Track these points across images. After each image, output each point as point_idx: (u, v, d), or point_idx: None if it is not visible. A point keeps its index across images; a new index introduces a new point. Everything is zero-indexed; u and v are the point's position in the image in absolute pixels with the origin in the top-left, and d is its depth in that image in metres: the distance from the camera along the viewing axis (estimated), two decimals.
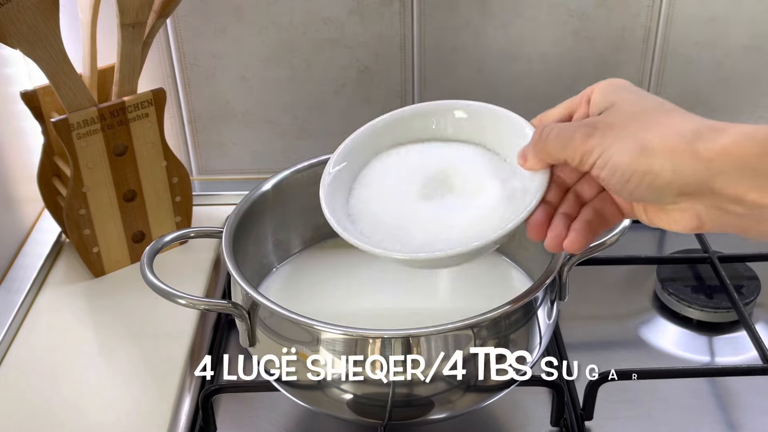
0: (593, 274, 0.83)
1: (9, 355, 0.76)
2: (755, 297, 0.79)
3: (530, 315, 0.60)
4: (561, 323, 0.77)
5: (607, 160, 0.48)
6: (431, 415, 0.61)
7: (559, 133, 0.51)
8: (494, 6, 0.90)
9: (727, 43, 0.92)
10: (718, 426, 0.69)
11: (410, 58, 0.93)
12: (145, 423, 0.69)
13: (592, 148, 0.49)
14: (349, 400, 0.60)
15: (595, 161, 0.49)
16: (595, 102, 0.52)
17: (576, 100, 0.55)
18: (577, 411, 0.68)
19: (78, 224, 0.81)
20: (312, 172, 0.74)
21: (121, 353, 0.76)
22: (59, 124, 0.76)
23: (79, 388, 0.73)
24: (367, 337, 0.57)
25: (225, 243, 0.64)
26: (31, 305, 0.82)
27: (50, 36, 0.73)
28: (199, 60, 0.93)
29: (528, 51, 0.92)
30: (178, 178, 0.86)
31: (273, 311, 0.58)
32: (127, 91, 0.80)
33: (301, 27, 0.91)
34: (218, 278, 0.86)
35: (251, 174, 1.00)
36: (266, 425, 0.70)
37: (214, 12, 0.90)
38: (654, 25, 0.91)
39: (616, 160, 0.48)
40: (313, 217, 0.76)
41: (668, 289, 0.81)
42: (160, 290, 0.61)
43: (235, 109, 0.96)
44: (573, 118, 0.55)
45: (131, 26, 0.77)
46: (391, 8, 0.90)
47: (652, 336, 0.79)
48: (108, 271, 0.85)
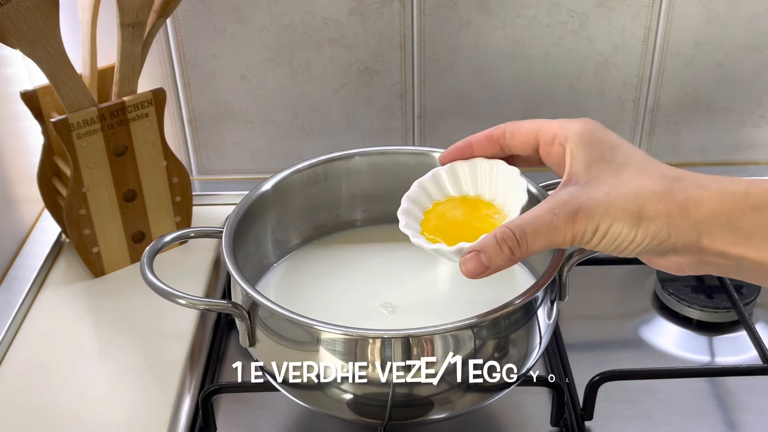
0: (593, 274, 0.83)
1: (9, 355, 0.76)
2: (755, 297, 0.79)
3: (530, 315, 0.60)
4: (561, 323, 0.77)
5: (603, 235, 0.49)
6: (431, 415, 0.61)
7: (535, 230, 0.50)
8: (494, 6, 0.90)
9: (727, 43, 0.92)
10: (718, 426, 0.69)
11: (410, 58, 0.93)
12: (145, 423, 0.69)
13: (583, 230, 0.49)
14: (349, 400, 0.60)
15: (589, 240, 0.49)
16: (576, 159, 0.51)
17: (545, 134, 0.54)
18: (577, 411, 0.68)
19: (78, 224, 0.81)
20: (312, 172, 0.74)
21: (121, 353, 0.76)
22: (59, 124, 0.76)
23: (78, 388, 0.73)
24: (367, 337, 0.57)
25: (225, 243, 0.64)
26: (31, 305, 0.82)
27: (50, 36, 0.73)
28: (199, 60, 0.93)
29: (528, 51, 0.92)
30: (178, 178, 0.86)
31: (273, 311, 0.58)
32: (127, 91, 0.80)
33: (301, 27, 0.91)
34: (218, 278, 0.86)
35: (251, 174, 1.00)
36: (266, 425, 0.70)
37: (214, 12, 0.90)
38: (654, 25, 0.91)
39: (614, 231, 0.48)
40: (313, 217, 0.76)
41: (668, 289, 0.81)
42: (160, 290, 0.61)
43: (235, 109, 0.96)
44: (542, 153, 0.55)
45: (131, 26, 0.77)
46: (391, 8, 0.90)
47: (652, 336, 0.79)
48: (108, 271, 0.85)
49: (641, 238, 0.48)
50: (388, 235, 0.74)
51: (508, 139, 0.57)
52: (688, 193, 0.47)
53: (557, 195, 0.50)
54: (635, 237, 0.48)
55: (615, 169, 0.50)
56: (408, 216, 0.60)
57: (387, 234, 0.75)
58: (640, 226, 0.48)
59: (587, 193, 0.49)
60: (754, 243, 0.46)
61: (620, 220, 0.48)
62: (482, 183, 0.61)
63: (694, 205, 0.47)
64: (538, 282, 0.60)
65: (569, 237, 0.49)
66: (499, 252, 0.51)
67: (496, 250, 0.51)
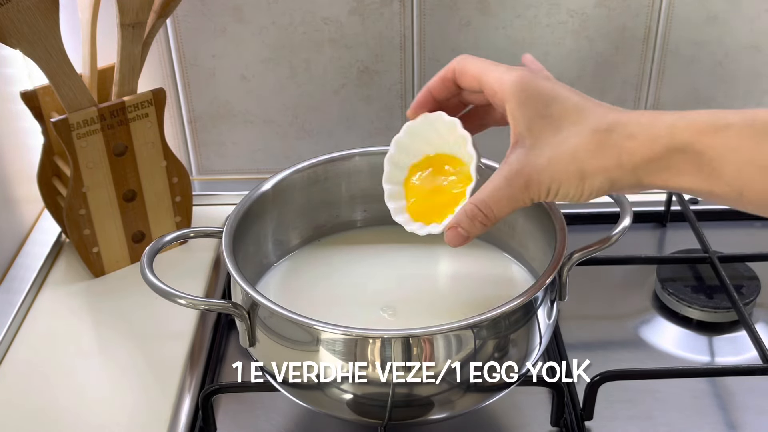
0: (593, 274, 0.83)
1: (9, 355, 0.76)
2: (755, 297, 0.79)
3: (530, 315, 0.60)
4: (561, 323, 0.77)
5: (555, 194, 0.55)
6: (431, 415, 0.61)
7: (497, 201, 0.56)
8: (494, 6, 0.90)
9: (727, 42, 0.92)
10: (718, 426, 0.69)
11: (410, 58, 0.93)
12: (145, 423, 0.69)
13: (537, 194, 0.55)
14: (349, 400, 0.60)
15: (545, 198, 0.55)
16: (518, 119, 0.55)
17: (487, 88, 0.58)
18: (577, 411, 0.68)
19: (78, 224, 0.81)
20: (312, 172, 0.74)
21: (121, 353, 0.76)
22: (59, 124, 0.76)
23: (78, 388, 0.73)
24: (367, 337, 0.57)
25: (225, 243, 0.64)
26: (31, 305, 0.82)
27: (50, 36, 0.73)
28: (199, 60, 0.93)
29: (528, 51, 0.92)
30: (178, 178, 0.86)
31: (273, 311, 0.58)
32: (127, 91, 0.80)
33: (301, 27, 0.91)
34: (218, 278, 0.86)
35: (251, 174, 1.00)
36: (266, 425, 0.70)
37: (214, 12, 0.90)
38: (654, 25, 0.91)
39: (564, 191, 0.54)
40: (313, 217, 0.76)
41: (668, 289, 0.81)
42: (160, 290, 0.61)
43: (235, 109, 0.96)
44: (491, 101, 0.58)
45: (131, 26, 0.77)
46: (391, 8, 0.90)
47: (652, 336, 0.79)
48: (108, 271, 0.85)
49: (588, 191, 0.54)
50: (388, 235, 0.74)
51: (458, 80, 0.61)
52: (619, 146, 0.52)
53: (509, 160, 0.55)
54: (583, 191, 0.54)
55: (554, 127, 0.54)
56: (393, 200, 0.64)
57: (387, 234, 0.75)
58: (584, 182, 0.53)
59: (534, 160, 0.54)
60: (685, 177, 0.51)
61: (566, 181, 0.53)
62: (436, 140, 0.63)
63: (627, 156, 0.51)
64: (538, 282, 0.60)
65: (528, 201, 0.56)
66: (473, 225, 0.58)
67: (470, 225, 0.58)
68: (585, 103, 0.54)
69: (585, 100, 0.54)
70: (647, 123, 0.51)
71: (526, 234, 0.71)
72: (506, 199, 0.56)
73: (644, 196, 0.94)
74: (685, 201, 0.89)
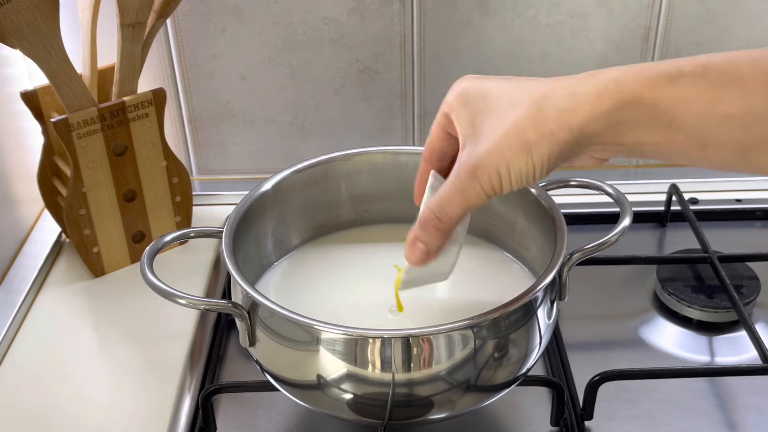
0: (593, 274, 0.83)
1: (9, 355, 0.76)
2: (755, 297, 0.79)
3: (530, 315, 0.60)
4: (561, 323, 0.77)
5: (508, 177, 0.50)
6: (431, 415, 0.61)
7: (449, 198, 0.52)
8: (494, 6, 0.90)
9: (727, 43, 0.92)
10: (718, 426, 0.69)
11: (410, 58, 0.93)
12: (145, 423, 0.69)
13: (489, 182, 0.51)
14: (349, 400, 0.60)
15: (500, 187, 0.51)
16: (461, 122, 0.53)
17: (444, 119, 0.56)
18: (577, 411, 0.68)
19: (78, 224, 0.81)
20: (312, 172, 0.74)
21: (121, 353, 0.76)
22: (59, 124, 0.76)
23: (78, 388, 0.73)
24: (367, 337, 0.57)
25: (225, 243, 0.64)
26: (31, 305, 0.82)
27: (50, 36, 0.73)
28: (199, 60, 0.93)
29: (528, 51, 0.92)
30: (178, 178, 0.86)
31: (273, 311, 0.58)
32: (127, 91, 0.80)
33: (301, 27, 0.91)
34: (218, 278, 0.86)
35: (251, 174, 1.00)
36: (266, 425, 0.70)
37: (214, 12, 0.90)
38: (654, 25, 0.91)
39: (515, 170, 0.50)
40: (313, 217, 0.76)
41: (668, 289, 0.81)
42: (160, 290, 0.60)
43: (235, 109, 0.96)
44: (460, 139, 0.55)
45: (131, 26, 0.77)
46: (391, 8, 0.90)
47: (652, 336, 0.79)
48: (108, 271, 0.85)
49: (540, 162, 0.50)
50: (388, 235, 0.74)
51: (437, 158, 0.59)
52: (559, 106, 0.48)
53: (459, 160, 0.52)
54: (534, 164, 0.50)
55: (493, 115, 0.51)
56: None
57: (387, 234, 0.75)
58: (531, 154, 0.49)
59: (479, 148, 0.51)
60: (641, 131, 0.47)
61: (513, 158, 0.50)
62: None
63: (571, 114, 0.48)
64: (538, 282, 0.60)
65: (481, 193, 0.51)
66: (427, 234, 0.54)
67: (425, 234, 0.54)
68: (521, 83, 0.52)
69: (521, 81, 0.52)
70: (589, 79, 0.48)
71: (526, 234, 0.71)
72: (457, 193, 0.52)
73: (644, 197, 0.94)
74: (685, 201, 0.89)
